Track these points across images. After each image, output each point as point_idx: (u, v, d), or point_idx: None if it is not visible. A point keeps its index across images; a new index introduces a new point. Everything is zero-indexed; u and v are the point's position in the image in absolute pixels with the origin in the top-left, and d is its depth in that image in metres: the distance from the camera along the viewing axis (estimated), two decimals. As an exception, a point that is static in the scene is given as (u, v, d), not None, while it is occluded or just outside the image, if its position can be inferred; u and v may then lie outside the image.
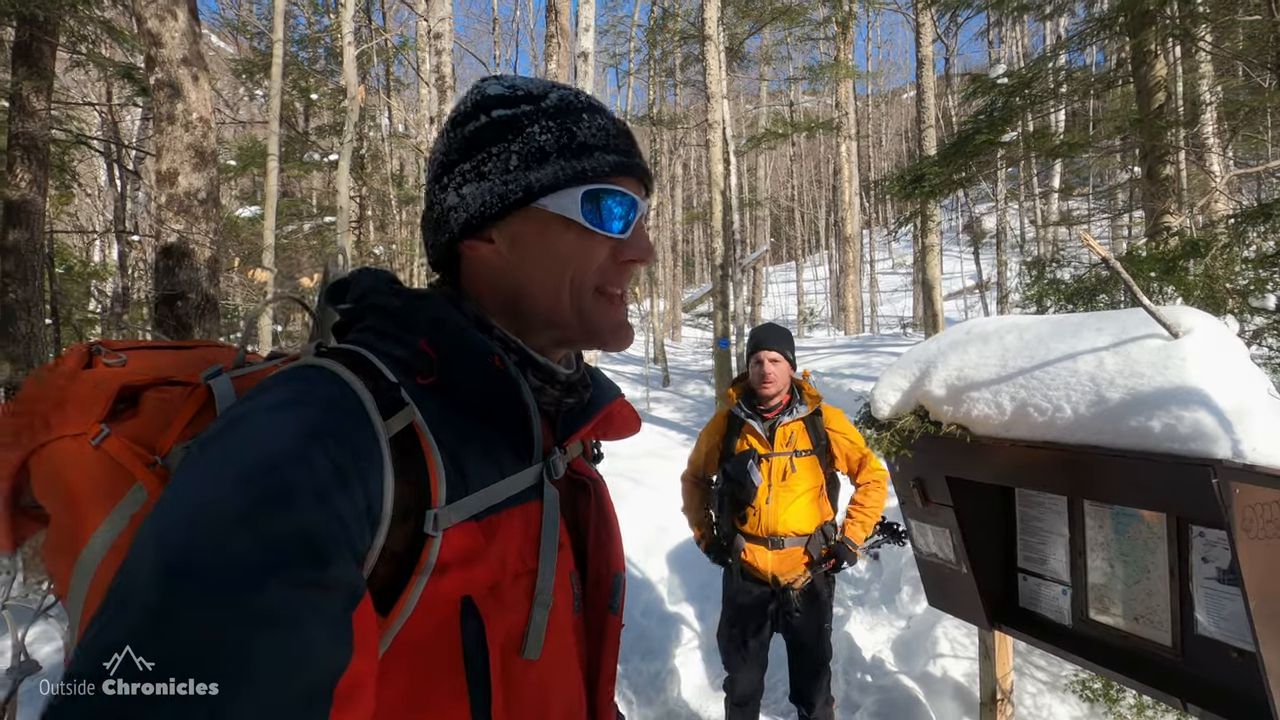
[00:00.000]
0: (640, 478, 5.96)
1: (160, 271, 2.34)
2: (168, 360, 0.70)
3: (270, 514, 0.46)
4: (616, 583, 0.75)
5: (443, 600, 0.55)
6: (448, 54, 3.80)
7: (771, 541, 2.67)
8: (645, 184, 0.73)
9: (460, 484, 0.59)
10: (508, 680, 0.59)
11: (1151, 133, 3.74)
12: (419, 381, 0.62)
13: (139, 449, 0.58)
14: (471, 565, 0.58)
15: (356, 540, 0.50)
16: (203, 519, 0.45)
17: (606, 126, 0.70)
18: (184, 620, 0.40)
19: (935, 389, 2.33)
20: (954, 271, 23.49)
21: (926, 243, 9.95)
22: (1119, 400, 1.76)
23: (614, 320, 0.71)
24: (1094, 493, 2.05)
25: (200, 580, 0.41)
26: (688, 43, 14.50)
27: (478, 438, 0.63)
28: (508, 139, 0.67)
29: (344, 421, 0.54)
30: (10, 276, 5.37)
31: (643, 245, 0.71)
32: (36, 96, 5.33)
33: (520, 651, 0.60)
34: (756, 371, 2.70)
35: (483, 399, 0.65)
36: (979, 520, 2.44)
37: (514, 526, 0.63)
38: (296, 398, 0.55)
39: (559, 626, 0.65)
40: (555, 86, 0.72)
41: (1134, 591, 2.06)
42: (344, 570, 0.47)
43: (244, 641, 0.40)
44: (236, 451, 0.49)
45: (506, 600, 0.60)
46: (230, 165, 8.91)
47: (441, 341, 0.63)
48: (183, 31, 2.32)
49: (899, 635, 3.64)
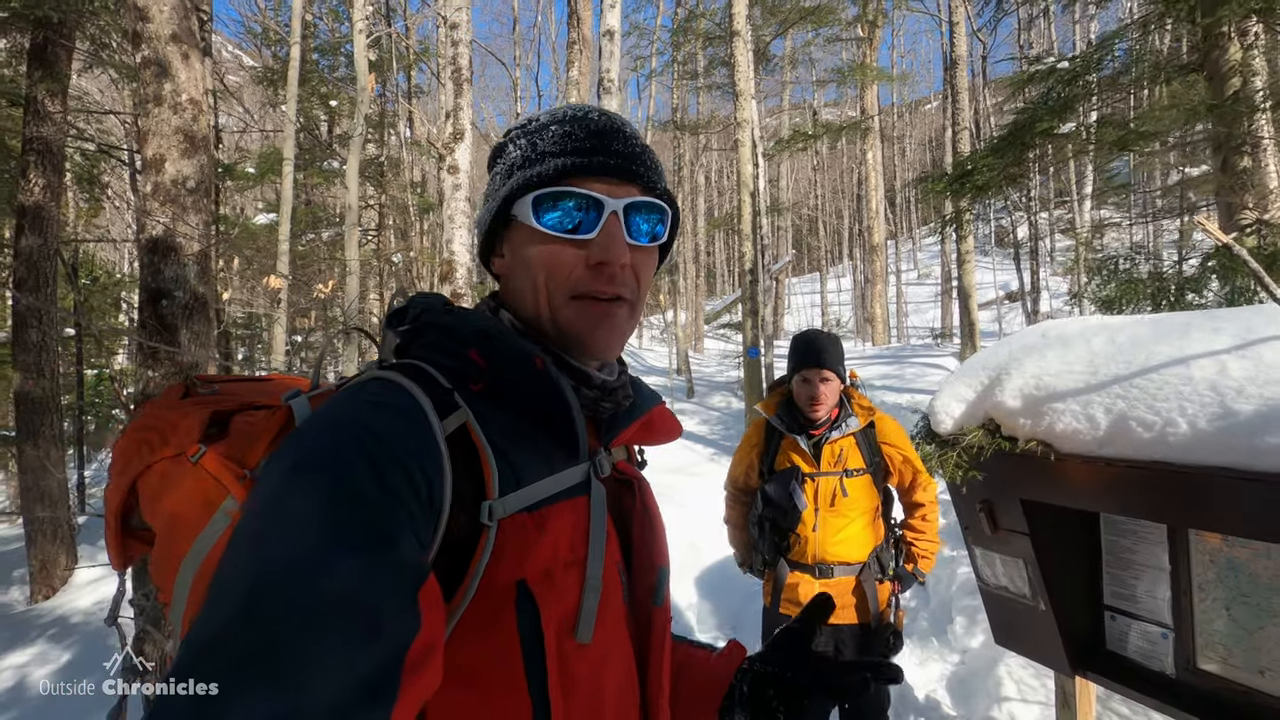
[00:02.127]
0: (667, 493, 5.69)
1: (145, 268, 2.14)
2: (254, 389, 0.84)
3: (340, 504, 0.50)
4: (661, 576, 0.78)
5: (500, 586, 0.60)
6: (464, 45, 3.62)
7: (819, 570, 2.37)
8: (639, 183, 0.72)
9: (512, 478, 0.63)
10: (563, 662, 0.62)
11: (1228, 121, 3.42)
12: (471, 388, 0.67)
13: (231, 464, 0.68)
14: (525, 553, 0.62)
15: (420, 528, 0.55)
16: (280, 515, 0.50)
17: (572, 132, 0.72)
18: (267, 609, 0.44)
19: (1008, 400, 2.04)
20: (983, 282, 22.96)
21: (964, 249, 9.57)
22: (1252, 413, 1.48)
23: (589, 326, 0.71)
24: (1208, 522, 1.74)
25: (280, 571, 0.46)
26: (713, 44, 14.29)
27: (527, 437, 0.67)
28: (498, 162, 0.77)
29: (405, 422, 0.59)
30: (23, 283, 5.27)
31: (610, 247, 0.70)
32: (51, 100, 5.25)
33: (573, 634, 0.63)
34: (804, 391, 2.36)
35: (528, 399, 0.68)
36: (1058, 550, 2.15)
37: (564, 518, 0.66)
38: (361, 404, 0.60)
39: (609, 614, 0.68)
40: (559, 109, 0.76)
41: (1257, 639, 1.75)
42: (409, 553, 0.52)
43: (323, 623, 0.44)
44: (309, 452, 0.55)
45: (558, 586, 0.63)
46: (249, 174, 8.86)
47: (489, 350, 0.68)
48: (172, 5, 2.14)
49: (954, 672, 3.30)
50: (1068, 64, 3.51)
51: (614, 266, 0.70)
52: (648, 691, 0.74)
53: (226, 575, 0.47)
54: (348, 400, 0.61)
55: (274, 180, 8.50)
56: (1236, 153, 3.57)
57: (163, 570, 0.68)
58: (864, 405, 2.47)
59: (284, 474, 0.53)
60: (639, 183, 0.72)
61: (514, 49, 14.09)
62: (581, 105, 0.77)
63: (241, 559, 0.48)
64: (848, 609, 2.37)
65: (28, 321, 5.29)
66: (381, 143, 11.33)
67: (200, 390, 0.81)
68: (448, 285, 4.04)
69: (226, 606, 0.45)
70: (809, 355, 2.35)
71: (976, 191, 3.81)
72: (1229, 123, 3.48)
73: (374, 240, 11.05)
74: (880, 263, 19.05)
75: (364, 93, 5.26)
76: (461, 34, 3.69)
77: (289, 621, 0.44)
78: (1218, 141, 3.62)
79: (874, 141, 18.44)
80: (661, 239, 0.76)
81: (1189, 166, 9.20)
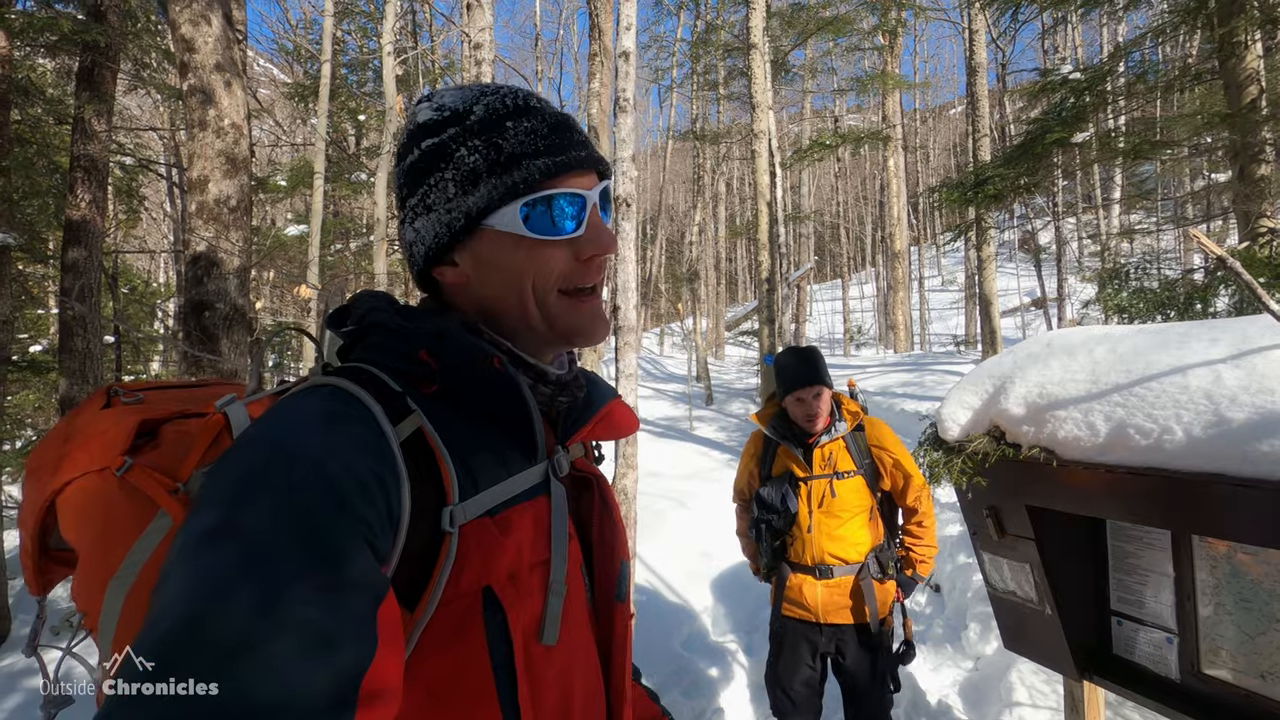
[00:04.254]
0: (683, 499, 5.74)
1: (188, 281, 2.28)
2: (183, 396, 0.77)
3: (290, 522, 0.48)
4: (623, 572, 0.78)
5: (465, 593, 0.58)
6: (488, 64, 3.75)
7: (819, 571, 2.44)
8: (597, 170, 0.71)
9: (470, 483, 0.62)
10: (530, 667, 0.61)
11: (1245, 129, 3.42)
12: (423, 391, 0.65)
13: (161, 477, 0.62)
14: (489, 558, 0.60)
15: (378, 541, 0.52)
16: (224, 533, 0.47)
17: (535, 128, 0.69)
18: (212, 628, 0.42)
19: (1013, 407, 2.09)
20: (1007, 288, 22.65)
21: (984, 255, 9.51)
22: (1244, 421, 1.52)
23: (584, 317, 0.71)
24: (1207, 527, 1.78)
25: (226, 590, 0.44)
26: (732, 55, 14.38)
27: (484, 439, 0.66)
28: (441, 167, 0.69)
29: (355, 431, 0.57)
30: (69, 294, 5.51)
31: (601, 239, 0.70)
32: (98, 120, 5.49)
33: (539, 637, 0.63)
34: (802, 410, 2.45)
35: (485, 400, 0.66)
36: (1064, 555, 2.18)
37: (526, 521, 0.65)
38: (308, 412, 0.57)
39: (573, 615, 0.68)
40: (483, 94, 0.71)
41: (1259, 644, 1.78)
42: (365, 571, 0.49)
43: (270, 644, 0.42)
44: (252, 467, 0.51)
45: (523, 589, 0.63)
46: (280, 186, 9.13)
47: (442, 350, 0.65)
48: (216, 37, 2.28)
49: (967, 678, 3.32)
50: (1080, 75, 3.53)
51: (604, 257, 0.71)
52: (611, 689, 0.74)
53: (169, 600, 0.44)
54: (293, 408, 0.58)
55: (304, 192, 8.76)
56: (1254, 161, 3.56)
57: (88, 593, 0.62)
58: (851, 410, 2.54)
59: (227, 489, 0.50)
60: (596, 168, 0.72)
61: (535, 62, 14.31)
62: (509, 88, 0.72)
63: (184, 581, 0.44)
64: (847, 609, 2.44)
65: (74, 330, 5.53)
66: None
67: (124, 399, 0.73)
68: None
69: (166, 626, 0.43)
70: (800, 375, 2.44)
71: (990, 201, 3.84)
72: (1245, 131, 3.48)
73: (399, 250, 11.29)
74: (903, 270, 18.91)
75: (392, 110, 5.43)
76: (485, 54, 3.83)
77: (237, 649, 0.41)
78: (1235, 150, 3.61)
79: (896, 148, 18.35)
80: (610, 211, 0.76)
81: (1215, 172, 9.07)
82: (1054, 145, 3.40)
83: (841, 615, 2.44)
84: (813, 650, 2.48)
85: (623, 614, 0.76)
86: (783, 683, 2.51)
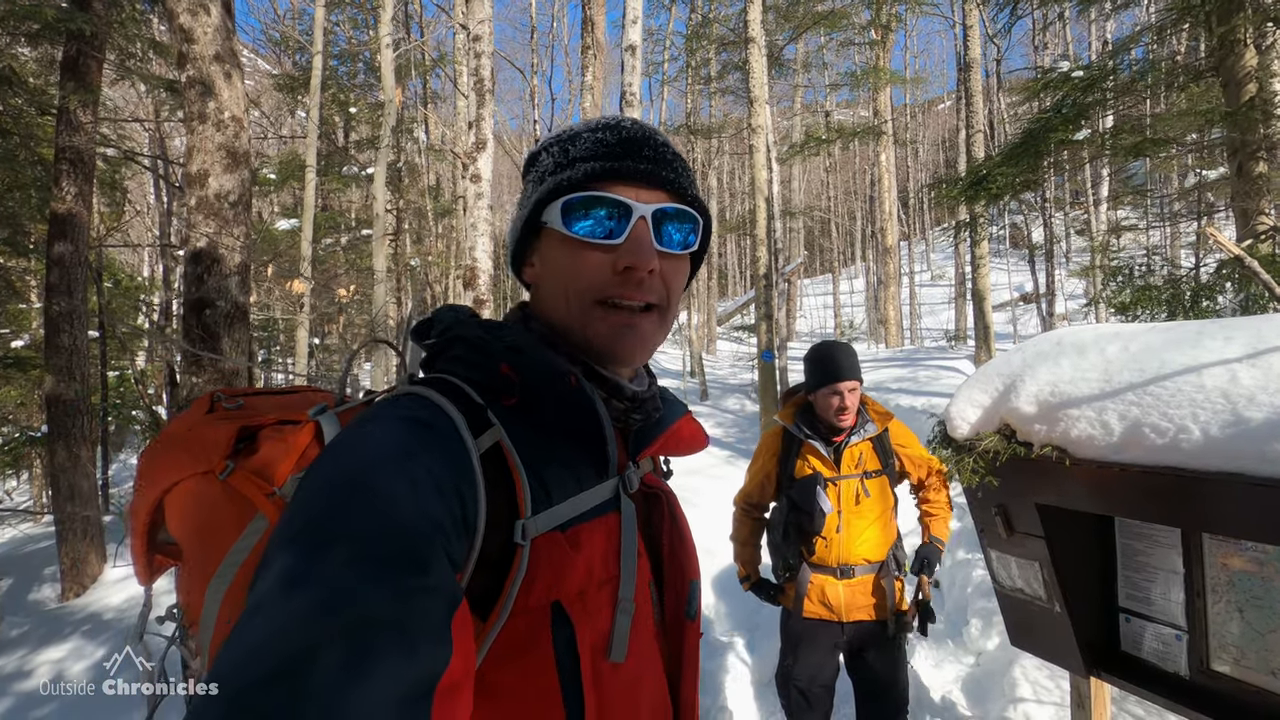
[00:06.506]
0: (686, 496, 5.71)
1: (189, 278, 2.23)
2: (280, 403, 0.81)
3: (375, 527, 0.49)
4: (692, 590, 0.77)
5: (535, 606, 0.59)
6: (487, 57, 3.70)
7: (841, 571, 2.43)
8: (668, 189, 0.71)
9: (544, 497, 0.63)
10: (598, 683, 0.61)
11: (1243, 127, 3.43)
12: (503, 403, 0.66)
13: (259, 481, 0.66)
14: (560, 573, 0.61)
15: (455, 549, 0.54)
16: (314, 536, 0.48)
17: (605, 139, 0.71)
18: (299, 636, 0.43)
19: (1024, 406, 2.09)
20: (997, 283, 22.80)
21: (979, 253, 9.55)
22: (1262, 420, 1.52)
23: (613, 333, 0.70)
24: (1221, 526, 1.78)
25: (313, 591, 0.45)
26: (727, 49, 14.33)
27: (558, 454, 0.66)
28: (530, 171, 0.76)
29: (439, 440, 0.58)
30: (55, 289, 5.41)
31: (638, 251, 0.68)
32: (83, 110, 5.39)
33: (606, 655, 0.63)
34: (834, 403, 2.40)
35: (561, 417, 0.67)
36: (1073, 553, 2.19)
37: (596, 537, 0.66)
38: (395, 421, 0.59)
39: (641, 632, 0.68)
40: (601, 119, 0.75)
41: (1269, 641, 1.79)
42: (443, 577, 0.50)
43: (353, 646, 0.43)
44: (341, 472, 0.53)
45: (591, 606, 0.63)
46: (270, 179, 9.01)
47: (521, 365, 0.66)
48: (215, 27, 2.22)
49: (969, 674, 3.34)
50: (1082, 72, 3.54)
51: (641, 272, 0.68)
52: (680, 706, 0.73)
53: (261, 597, 0.46)
54: (381, 417, 0.60)
55: (294, 185, 8.64)
56: (1252, 158, 3.58)
57: (191, 589, 0.67)
58: (879, 411, 2.53)
59: (317, 494, 0.52)
60: (668, 189, 0.71)
61: (531, 55, 14.19)
62: (616, 115, 0.76)
63: (274, 581, 0.46)
64: (868, 607, 2.44)
65: (60, 326, 5.43)
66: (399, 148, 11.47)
67: (225, 405, 0.79)
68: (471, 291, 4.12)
69: (257, 626, 0.44)
70: (835, 369, 2.40)
71: (991, 198, 3.84)
72: (1244, 128, 3.50)
73: (392, 244, 11.19)
74: (893, 264, 18.97)
75: (391, 105, 5.35)
76: (484, 46, 3.77)
77: (319, 650, 0.42)
78: (1233, 147, 3.63)
79: (887, 143, 18.37)
80: (693, 248, 0.75)
81: (1206, 169, 9.15)
82: (1057, 143, 3.42)
83: (863, 613, 2.45)
84: (834, 649, 2.49)
85: (693, 632, 0.76)
86: (800, 683, 2.50)
